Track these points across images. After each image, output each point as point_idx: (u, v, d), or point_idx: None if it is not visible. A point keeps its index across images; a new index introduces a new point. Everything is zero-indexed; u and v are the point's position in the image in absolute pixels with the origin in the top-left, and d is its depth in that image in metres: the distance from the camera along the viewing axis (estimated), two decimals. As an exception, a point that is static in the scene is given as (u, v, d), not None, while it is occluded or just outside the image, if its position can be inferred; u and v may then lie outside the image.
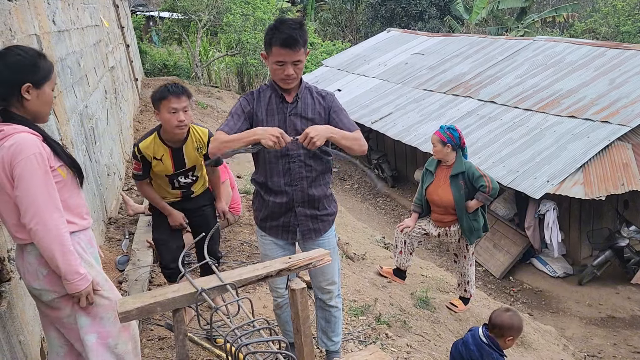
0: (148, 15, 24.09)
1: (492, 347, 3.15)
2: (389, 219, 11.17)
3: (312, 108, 2.93)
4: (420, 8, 22.51)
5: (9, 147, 2.18)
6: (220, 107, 13.96)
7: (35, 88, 2.28)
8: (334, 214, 3.17)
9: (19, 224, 2.26)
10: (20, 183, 2.18)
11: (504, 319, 3.16)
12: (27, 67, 2.27)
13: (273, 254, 3.09)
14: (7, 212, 2.27)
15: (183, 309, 2.21)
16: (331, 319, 3.31)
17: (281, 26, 2.72)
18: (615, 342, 7.08)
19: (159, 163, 3.47)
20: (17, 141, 2.19)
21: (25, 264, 2.33)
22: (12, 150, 2.18)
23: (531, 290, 8.47)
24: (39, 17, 3.78)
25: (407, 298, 5.25)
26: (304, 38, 2.75)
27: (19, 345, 2.47)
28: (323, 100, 2.95)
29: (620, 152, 7.86)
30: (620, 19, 19.76)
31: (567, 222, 8.85)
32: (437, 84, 12.21)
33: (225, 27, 17.23)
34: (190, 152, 3.53)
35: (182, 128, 3.39)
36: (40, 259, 2.31)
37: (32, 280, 2.34)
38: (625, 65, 9.67)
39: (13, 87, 2.24)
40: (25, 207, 2.19)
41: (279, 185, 2.97)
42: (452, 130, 4.81)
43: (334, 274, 3.19)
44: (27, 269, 2.34)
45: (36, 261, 2.31)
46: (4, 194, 2.24)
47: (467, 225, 4.86)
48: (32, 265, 2.32)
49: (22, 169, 2.18)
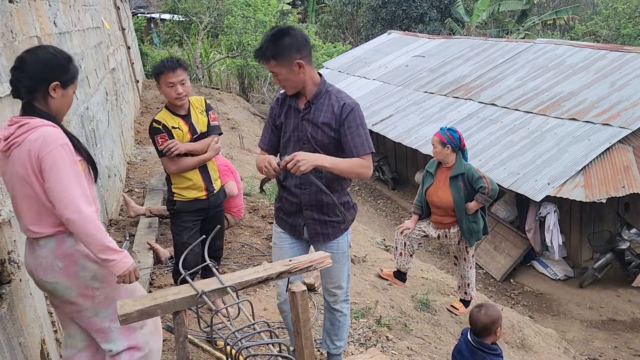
0: (149, 17, 24.12)
1: (484, 351, 3.16)
2: (390, 221, 11.17)
3: (326, 114, 2.86)
4: (421, 10, 22.52)
5: (36, 140, 2.20)
6: (221, 108, 13.96)
7: (61, 88, 2.35)
8: (347, 222, 3.09)
9: (37, 217, 2.28)
10: (51, 174, 2.20)
11: (483, 319, 3.16)
12: (58, 67, 2.34)
13: (280, 243, 3.16)
14: (25, 205, 2.28)
15: (183, 312, 2.20)
16: (335, 322, 3.31)
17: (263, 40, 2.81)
18: (616, 345, 7.07)
19: (178, 131, 3.59)
20: (43, 134, 2.22)
21: (39, 259, 2.34)
22: (39, 143, 2.20)
23: (532, 292, 8.46)
24: (40, 19, 3.78)
25: (408, 300, 5.24)
26: (273, 52, 2.75)
27: (19, 347, 2.47)
28: (340, 109, 2.83)
29: (621, 154, 7.86)
30: (621, 22, 19.76)
31: (567, 224, 8.85)
32: (438, 87, 12.21)
33: (226, 29, 17.25)
34: (197, 116, 3.69)
35: (182, 99, 3.55)
36: (55, 252, 2.32)
37: (46, 273, 2.34)
38: (626, 67, 9.67)
39: (42, 83, 2.29)
40: (60, 197, 2.21)
41: (290, 186, 3.00)
42: (452, 131, 4.82)
43: (341, 278, 3.17)
44: (40, 263, 2.34)
45: (51, 254, 2.32)
46: (26, 187, 2.25)
47: (467, 227, 4.86)
48: (46, 258, 2.33)
49: (52, 160, 2.20)
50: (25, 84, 2.28)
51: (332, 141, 2.87)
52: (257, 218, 6.04)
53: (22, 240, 2.71)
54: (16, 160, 2.24)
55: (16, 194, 2.30)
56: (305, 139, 2.88)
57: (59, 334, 3.11)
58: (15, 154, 2.24)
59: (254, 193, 6.86)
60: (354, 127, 2.82)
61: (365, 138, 2.84)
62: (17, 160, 2.24)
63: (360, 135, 2.83)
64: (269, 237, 5.49)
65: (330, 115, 2.84)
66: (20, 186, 2.27)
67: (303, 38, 2.80)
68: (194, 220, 3.70)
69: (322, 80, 2.92)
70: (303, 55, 2.77)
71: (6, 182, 2.34)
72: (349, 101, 2.87)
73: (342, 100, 2.86)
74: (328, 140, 2.87)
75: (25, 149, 2.21)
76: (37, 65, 2.28)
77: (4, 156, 2.28)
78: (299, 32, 2.81)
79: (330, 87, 2.93)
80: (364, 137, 2.83)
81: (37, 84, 2.29)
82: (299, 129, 2.90)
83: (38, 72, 2.28)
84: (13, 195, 2.33)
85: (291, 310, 2.27)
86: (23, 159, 2.22)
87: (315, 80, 2.90)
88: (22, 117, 2.28)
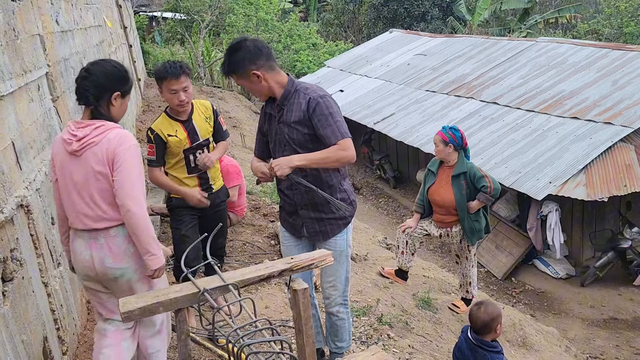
0: (151, 16, 24.14)
1: (484, 348, 3.16)
2: (391, 220, 11.17)
3: (296, 113, 2.89)
4: (423, 9, 22.51)
5: (113, 139, 2.52)
6: (223, 107, 13.97)
7: (121, 97, 2.66)
8: (344, 217, 3.11)
9: (111, 208, 2.56)
10: (122, 168, 2.50)
11: (482, 317, 3.16)
12: (120, 79, 2.66)
13: (286, 241, 3.26)
14: (102, 197, 2.55)
15: (185, 309, 2.21)
16: (333, 325, 3.30)
17: None
18: (618, 344, 7.06)
19: (174, 138, 3.51)
20: (119, 133, 2.55)
21: (112, 247, 2.60)
22: (116, 141, 2.51)
23: (533, 291, 8.46)
24: (43, 17, 3.78)
25: (409, 299, 5.25)
26: (230, 67, 2.86)
27: (22, 344, 2.48)
28: (306, 105, 2.86)
29: (623, 153, 7.85)
30: (624, 20, 19.69)
31: (569, 223, 8.84)
32: (440, 85, 12.21)
33: (227, 27, 17.27)
34: (200, 122, 3.60)
35: (184, 106, 3.47)
36: (127, 239, 2.60)
37: (118, 260, 2.61)
38: (628, 66, 9.66)
39: (106, 91, 2.59)
40: (127, 190, 2.50)
41: (283, 188, 3.09)
42: (455, 130, 4.82)
43: (337, 278, 3.16)
44: (112, 251, 2.60)
45: (125, 241, 2.61)
46: (102, 181, 2.53)
47: (469, 226, 4.86)
48: (120, 246, 2.61)
49: (126, 155, 2.51)
50: (92, 92, 2.56)
51: (308, 138, 2.90)
52: (258, 216, 6.04)
53: (25, 239, 2.72)
54: (91, 158, 2.51)
55: (87, 190, 2.55)
56: (284, 141, 2.95)
57: (62, 332, 3.12)
58: (91, 153, 2.51)
59: (255, 192, 6.87)
60: (323, 118, 2.83)
61: (336, 126, 2.83)
62: (92, 158, 2.51)
63: (330, 125, 2.83)
64: (271, 236, 5.50)
65: (299, 113, 2.88)
66: (95, 181, 2.53)
67: (256, 48, 2.82)
68: (190, 214, 3.70)
69: (289, 80, 2.94)
70: (258, 65, 2.82)
71: (68, 181, 2.58)
72: (314, 95, 2.87)
73: (307, 95, 2.88)
74: (304, 138, 2.90)
75: (104, 147, 2.50)
76: (103, 76, 2.58)
77: (75, 156, 2.54)
78: (252, 43, 2.84)
79: (299, 86, 2.94)
80: (334, 126, 2.83)
81: (103, 93, 2.58)
82: (278, 133, 2.97)
83: (103, 82, 2.58)
84: (79, 193, 2.56)
85: (293, 308, 2.28)
86: (100, 156, 2.50)
87: (282, 83, 2.91)
88: (93, 120, 2.56)
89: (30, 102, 3.14)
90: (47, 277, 3.00)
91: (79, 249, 2.65)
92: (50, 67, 3.74)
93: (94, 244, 2.60)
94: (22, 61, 3.05)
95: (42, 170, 3.16)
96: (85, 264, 2.64)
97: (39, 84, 3.42)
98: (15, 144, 2.75)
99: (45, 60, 3.65)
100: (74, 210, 2.60)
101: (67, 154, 2.56)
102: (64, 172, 2.59)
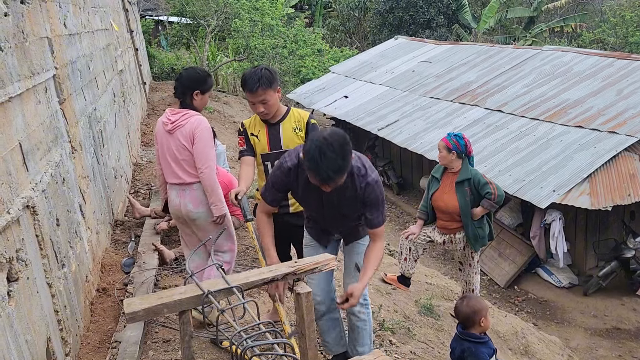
0: (157, 20, 24.22)
1: (470, 341, 3.23)
2: (394, 226, 11.16)
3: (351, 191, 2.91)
4: (428, 16, 22.54)
5: (194, 122, 3.58)
6: (227, 111, 14.02)
7: (201, 94, 3.68)
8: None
9: (191, 169, 3.60)
10: (200, 142, 3.56)
11: (464, 310, 3.25)
12: (200, 80, 3.67)
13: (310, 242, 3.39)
14: (186, 164, 3.61)
15: (189, 311, 2.22)
16: (354, 327, 3.33)
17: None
18: (620, 354, 7.03)
19: (255, 139, 3.53)
20: (199, 119, 3.61)
21: (194, 197, 3.65)
22: (196, 124, 3.58)
23: (536, 300, 8.43)
24: (51, 20, 3.82)
25: (412, 305, 5.24)
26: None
27: (26, 344, 2.49)
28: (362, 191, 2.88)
29: (627, 162, 7.83)
30: (629, 30, 19.70)
31: (573, 232, 8.82)
32: (444, 92, 12.22)
33: (233, 32, 17.30)
34: (288, 130, 3.51)
35: (265, 117, 3.49)
36: (203, 192, 3.62)
37: (197, 206, 3.65)
38: (633, 75, 9.65)
39: (189, 89, 3.64)
40: (203, 158, 3.56)
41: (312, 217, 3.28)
42: (459, 137, 4.83)
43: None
44: (195, 199, 3.65)
45: (201, 193, 3.64)
46: (186, 152, 3.59)
47: (473, 233, 4.86)
48: (198, 197, 3.65)
49: (202, 133, 3.57)
50: (180, 90, 3.65)
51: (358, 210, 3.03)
52: (262, 221, 6.04)
53: (30, 240, 2.74)
54: (180, 135, 3.58)
55: (177, 157, 3.61)
56: (333, 209, 3.02)
57: (65, 333, 3.13)
58: (179, 132, 3.58)
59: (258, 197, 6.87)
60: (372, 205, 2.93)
61: (381, 212, 2.96)
62: (180, 136, 3.58)
63: (378, 210, 2.95)
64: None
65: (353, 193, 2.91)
66: (182, 152, 3.59)
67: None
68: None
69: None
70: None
71: (166, 150, 3.66)
72: (366, 180, 2.88)
73: (363, 180, 2.87)
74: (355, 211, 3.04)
75: (188, 128, 3.57)
76: (188, 79, 3.65)
77: (169, 134, 3.62)
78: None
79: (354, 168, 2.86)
80: (380, 211, 2.95)
81: (186, 90, 3.64)
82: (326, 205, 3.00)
83: (187, 83, 3.64)
84: (173, 159, 3.63)
85: (296, 311, 2.28)
86: (186, 134, 3.56)
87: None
88: (182, 109, 3.65)
89: (38, 104, 3.16)
90: (52, 278, 3.02)
91: (172, 197, 3.73)
92: (57, 70, 3.77)
93: (181, 193, 3.66)
94: (30, 63, 3.07)
95: (48, 171, 3.18)
96: (176, 207, 3.70)
97: (47, 86, 3.45)
98: (23, 145, 2.77)
99: (53, 62, 3.68)
100: (169, 170, 3.66)
101: (164, 132, 3.65)
102: (163, 145, 3.67)
